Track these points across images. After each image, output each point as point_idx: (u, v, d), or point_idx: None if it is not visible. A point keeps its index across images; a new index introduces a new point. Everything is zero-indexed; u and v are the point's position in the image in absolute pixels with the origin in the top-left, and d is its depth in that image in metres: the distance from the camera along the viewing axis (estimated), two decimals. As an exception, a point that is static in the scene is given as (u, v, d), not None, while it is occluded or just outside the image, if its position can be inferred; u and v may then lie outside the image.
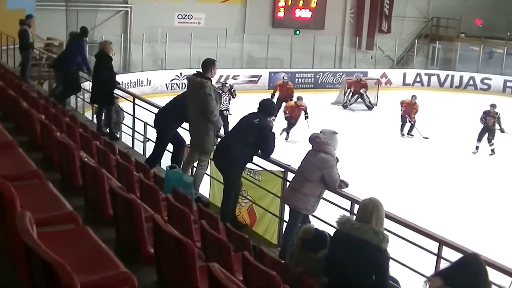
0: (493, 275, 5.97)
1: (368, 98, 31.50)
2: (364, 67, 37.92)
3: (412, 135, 26.17)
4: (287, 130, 24.06)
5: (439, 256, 7.44)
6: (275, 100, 24.75)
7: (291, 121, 24.16)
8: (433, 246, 7.59)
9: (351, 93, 31.53)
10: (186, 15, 34.30)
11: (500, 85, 38.80)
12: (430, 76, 39.22)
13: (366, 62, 39.26)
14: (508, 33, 40.82)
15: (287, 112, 24.24)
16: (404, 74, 38.41)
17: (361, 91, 31.26)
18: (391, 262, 6.54)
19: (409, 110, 26.06)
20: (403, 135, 26.21)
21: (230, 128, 11.22)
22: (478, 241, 12.58)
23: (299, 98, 24.81)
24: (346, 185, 8.95)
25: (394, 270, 7.19)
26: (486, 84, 38.75)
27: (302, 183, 8.84)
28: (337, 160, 8.95)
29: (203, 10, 34.37)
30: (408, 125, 26.22)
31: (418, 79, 38.68)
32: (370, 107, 31.45)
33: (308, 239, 6.84)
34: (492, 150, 23.96)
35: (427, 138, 25.66)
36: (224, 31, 34.24)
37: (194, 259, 4.65)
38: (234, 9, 35.46)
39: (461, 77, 39.21)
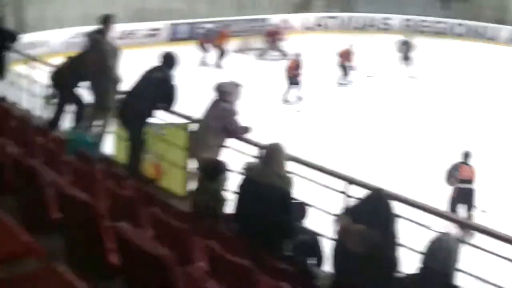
0: (399, 208, 6.11)
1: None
2: (265, 13, 37.61)
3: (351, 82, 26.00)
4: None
5: (346, 194, 7.57)
6: None
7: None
8: (340, 185, 7.73)
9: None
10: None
11: (399, 24, 39.30)
12: (332, 18, 39.34)
13: (267, 8, 38.96)
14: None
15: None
16: (305, 18, 38.38)
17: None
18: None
19: (348, 57, 26.16)
20: (343, 84, 25.91)
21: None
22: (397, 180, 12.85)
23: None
24: (248, 130, 9.03)
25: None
26: (386, 24, 39.15)
27: (207, 134, 8.86)
28: (237, 113, 9.03)
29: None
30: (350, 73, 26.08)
31: (319, 22, 38.76)
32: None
33: (205, 166, 6.98)
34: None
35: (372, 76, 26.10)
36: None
37: (102, 220, 4.60)
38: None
39: (364, 19, 39.51)
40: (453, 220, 6.77)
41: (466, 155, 14.46)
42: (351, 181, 7.59)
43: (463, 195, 13.99)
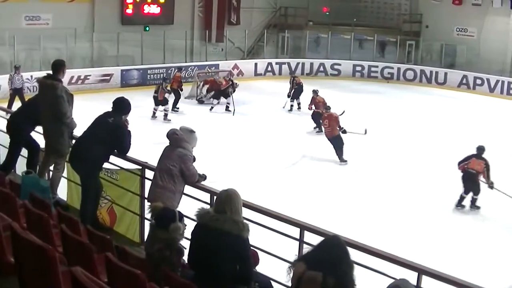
0: (355, 255, 6.13)
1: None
2: (216, 60, 38.08)
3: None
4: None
5: (301, 241, 7.59)
6: None
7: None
8: (295, 232, 7.74)
9: (205, 89, 31.54)
10: (34, 16, 33.28)
11: (350, 70, 40.22)
12: (281, 64, 40.00)
13: (217, 55, 39.44)
14: (355, 19, 42.25)
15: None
16: (256, 64, 38.92)
17: (228, 90, 30.70)
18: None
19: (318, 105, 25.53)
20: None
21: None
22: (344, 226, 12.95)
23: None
24: (204, 178, 9.04)
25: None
26: (336, 70, 39.89)
27: (165, 180, 8.83)
28: (194, 159, 9.04)
29: (51, 11, 33.40)
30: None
31: (269, 68, 39.29)
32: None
33: (157, 215, 6.94)
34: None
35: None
36: (73, 31, 33.50)
37: (56, 264, 4.55)
38: (82, 8, 34.68)
39: (311, 64, 40.26)
40: (411, 267, 6.78)
41: (480, 149, 15.93)
42: (306, 228, 7.62)
43: (469, 179, 16.69)
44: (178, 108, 29.00)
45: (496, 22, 39.94)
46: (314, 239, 6.36)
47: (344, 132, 22.01)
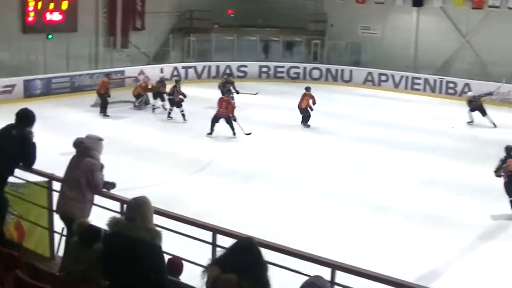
0: (269, 256, 6.13)
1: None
2: (122, 66, 37.64)
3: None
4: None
5: (214, 244, 7.56)
6: None
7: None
8: (208, 235, 7.71)
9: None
10: None
11: (256, 71, 40.52)
12: (187, 68, 39.89)
13: (123, 61, 38.98)
14: (261, 21, 42.54)
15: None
16: (161, 69, 38.66)
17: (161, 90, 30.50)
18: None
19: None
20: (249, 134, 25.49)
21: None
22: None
23: None
24: (113, 186, 8.91)
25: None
26: (242, 72, 40.06)
27: (74, 190, 8.67)
28: (102, 166, 8.90)
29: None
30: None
31: (175, 73, 39.10)
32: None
33: (81, 233, 6.79)
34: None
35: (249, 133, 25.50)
36: (-29, 41, 32.59)
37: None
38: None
39: (217, 67, 40.31)
40: (325, 263, 6.85)
41: (510, 149, 16.73)
42: (218, 231, 7.59)
43: None
44: (108, 115, 28.86)
45: (399, 20, 41.05)
46: (227, 242, 6.34)
47: (235, 120, 25.24)
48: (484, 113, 28.80)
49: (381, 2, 40.66)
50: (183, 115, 28.04)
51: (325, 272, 6.35)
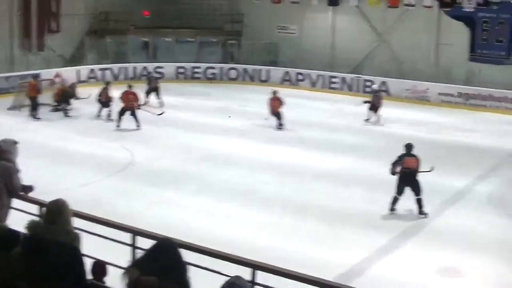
0: (189, 256, 6.18)
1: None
2: (37, 69, 36.94)
3: None
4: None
5: (133, 246, 7.58)
6: None
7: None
8: (126, 237, 7.73)
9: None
10: None
11: (173, 72, 40.47)
12: (104, 70, 39.49)
13: (39, 64, 38.27)
14: (177, 22, 42.42)
15: None
16: (78, 71, 38.14)
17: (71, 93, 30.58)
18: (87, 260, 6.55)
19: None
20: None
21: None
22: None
23: None
24: (31, 189, 8.84)
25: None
26: (159, 73, 39.85)
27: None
28: (19, 171, 8.81)
29: None
30: None
31: (92, 74, 38.70)
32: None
33: None
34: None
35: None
36: None
37: None
38: None
39: (134, 68, 40.09)
40: (246, 264, 6.94)
41: (409, 147, 16.85)
42: (137, 232, 7.62)
43: (407, 179, 16.61)
44: (39, 117, 28.72)
45: (315, 19, 41.51)
46: (146, 244, 6.37)
47: (139, 108, 27.57)
48: (376, 109, 29.74)
49: (297, 2, 40.99)
50: (109, 115, 28.54)
51: (245, 273, 6.44)
